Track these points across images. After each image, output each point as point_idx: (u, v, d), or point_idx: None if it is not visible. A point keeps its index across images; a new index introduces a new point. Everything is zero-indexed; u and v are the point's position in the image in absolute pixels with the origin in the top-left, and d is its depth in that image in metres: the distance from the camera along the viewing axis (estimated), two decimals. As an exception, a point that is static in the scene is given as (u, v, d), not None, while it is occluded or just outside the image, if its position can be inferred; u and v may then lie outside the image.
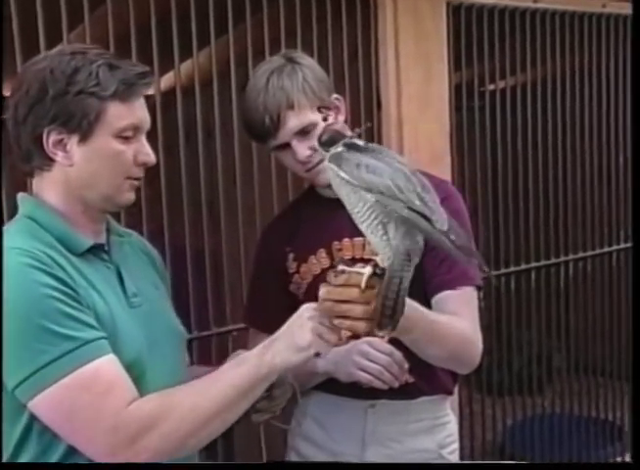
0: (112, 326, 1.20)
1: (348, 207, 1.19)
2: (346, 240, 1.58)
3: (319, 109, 1.41)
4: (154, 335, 1.29)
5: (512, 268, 2.97)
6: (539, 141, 2.99)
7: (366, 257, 1.55)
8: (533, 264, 3.01)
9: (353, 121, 2.43)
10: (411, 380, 1.56)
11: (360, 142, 1.21)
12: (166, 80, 2.80)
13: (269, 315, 1.63)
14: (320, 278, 1.58)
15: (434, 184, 1.54)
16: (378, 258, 1.18)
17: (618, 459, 3.23)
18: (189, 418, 1.15)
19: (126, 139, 1.24)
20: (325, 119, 1.32)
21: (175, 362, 1.35)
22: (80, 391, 1.11)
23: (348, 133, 1.29)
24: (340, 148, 1.19)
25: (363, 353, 1.47)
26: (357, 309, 1.17)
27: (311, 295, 1.58)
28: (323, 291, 1.19)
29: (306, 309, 1.21)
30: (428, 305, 1.46)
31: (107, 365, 1.14)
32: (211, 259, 2.37)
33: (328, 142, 1.22)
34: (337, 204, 1.29)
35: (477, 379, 2.94)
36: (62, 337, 1.10)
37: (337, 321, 1.19)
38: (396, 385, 1.48)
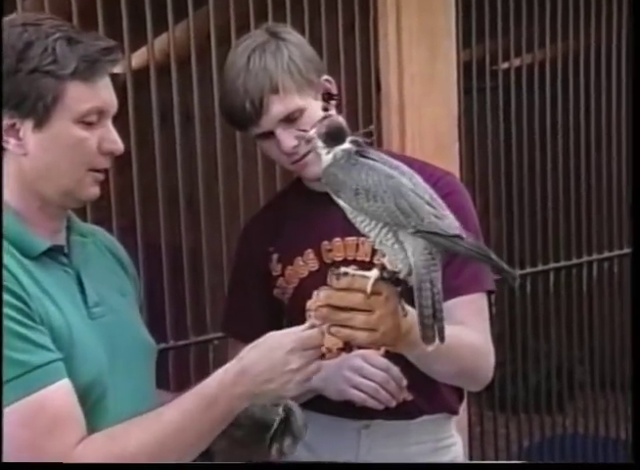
0: (68, 342, 1.18)
1: (348, 215, 1.20)
2: (338, 240, 1.58)
3: (323, 95, 1.41)
4: (117, 350, 1.27)
5: (528, 269, 2.98)
6: (560, 126, 2.99)
7: (359, 259, 1.56)
8: (552, 265, 3.02)
9: (349, 106, 2.46)
10: (410, 398, 1.57)
11: (362, 143, 1.21)
12: (139, 57, 2.79)
13: (250, 324, 1.63)
14: (308, 282, 1.60)
15: (437, 178, 1.56)
16: (385, 260, 1.19)
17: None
18: (136, 461, 1.15)
19: (89, 125, 1.22)
20: (326, 110, 1.32)
21: (141, 381, 1.33)
22: (22, 428, 1.09)
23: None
24: (342, 150, 1.19)
25: (356, 369, 1.47)
26: (359, 318, 1.17)
27: (298, 301, 1.61)
28: (322, 295, 1.19)
29: (292, 346, 1.21)
30: None
31: (55, 395, 1.12)
32: (190, 260, 2.37)
33: (331, 138, 1.21)
34: (327, 198, 1.28)
35: (488, 394, 2.93)
36: (7, 361, 1.09)
37: (334, 329, 1.19)
38: (393, 404, 1.48)
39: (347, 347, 1.55)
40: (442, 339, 1.15)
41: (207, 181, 2.38)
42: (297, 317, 1.63)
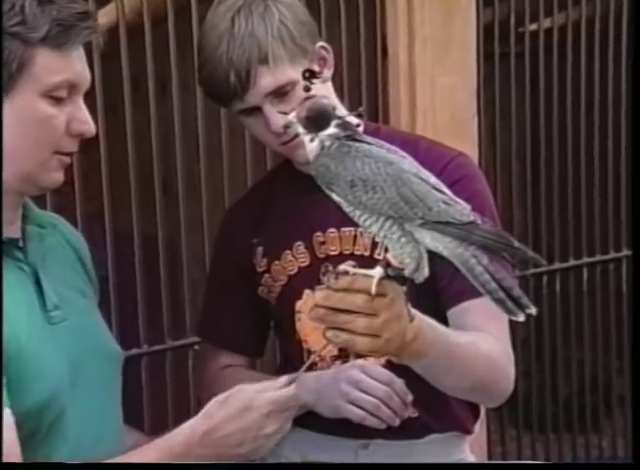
0: (17, 355, 1.16)
1: (345, 209, 1.19)
2: (332, 231, 1.58)
3: (304, 73, 1.40)
4: (79, 360, 1.27)
5: (557, 265, 2.97)
6: (596, 99, 2.98)
7: (358, 252, 1.56)
8: (586, 260, 3.02)
9: (351, 77, 2.46)
10: (415, 414, 1.56)
11: (353, 124, 1.20)
12: (106, 15, 2.77)
13: (231, 327, 1.64)
14: (298, 279, 1.59)
15: (447, 160, 1.56)
16: (389, 256, 1.19)
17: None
18: None
19: (58, 100, 1.21)
20: (307, 90, 1.31)
21: (106, 396, 1.33)
22: None
23: (340, 110, 1.28)
24: (328, 136, 1.18)
25: (354, 382, 1.47)
26: (360, 322, 1.17)
27: (286, 301, 1.61)
28: (319, 295, 1.19)
29: (269, 409, 1.24)
30: (443, 320, 1.46)
31: None
32: (167, 253, 2.37)
33: (313, 123, 1.20)
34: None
35: (510, 410, 2.93)
36: None
37: (330, 333, 1.19)
38: (397, 423, 1.48)
39: (343, 355, 1.55)
40: (527, 305, 1.14)
41: (187, 163, 2.38)
42: (285, 320, 1.64)
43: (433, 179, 1.18)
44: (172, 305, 2.39)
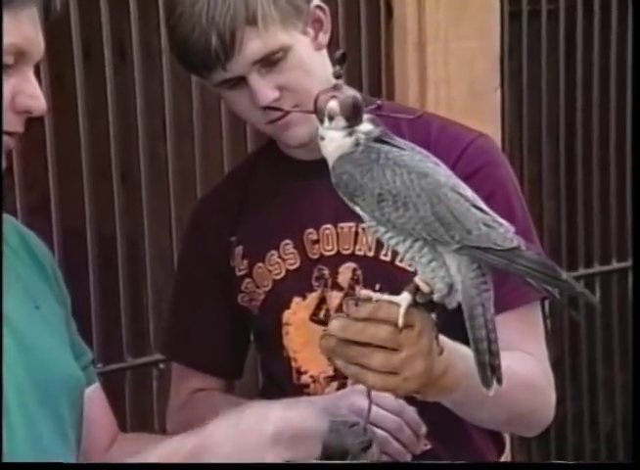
0: None
1: (367, 223, 1.20)
2: (328, 227, 1.59)
3: (340, 57, 1.40)
4: (17, 381, 1.27)
5: (597, 268, 2.98)
6: None
7: (359, 253, 1.57)
8: (631, 263, 3.00)
9: (349, 41, 2.45)
10: (427, 446, 1.58)
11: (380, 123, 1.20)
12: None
13: (203, 343, 1.65)
14: (285, 285, 1.60)
15: (466, 143, 1.55)
16: (418, 279, 1.19)
17: None
18: None
19: (1, 68, 1.22)
20: (339, 76, 1.30)
21: (51, 429, 1.32)
22: None
23: None
24: (364, 133, 1.18)
25: (357, 411, 1.44)
26: (377, 358, 1.18)
27: (271, 310, 1.62)
28: (335, 325, 1.19)
29: (275, 430, 1.24)
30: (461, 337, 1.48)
31: None
32: (126, 254, 2.38)
33: (354, 115, 1.18)
34: (313, 170, 1.29)
35: (541, 443, 2.94)
36: None
37: (340, 363, 1.21)
38: (408, 459, 1.49)
39: (339, 375, 1.54)
40: (500, 379, 1.16)
41: (150, 144, 2.39)
42: (269, 333, 1.64)
43: (469, 193, 1.18)
44: (133, 315, 2.40)
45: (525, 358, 1.49)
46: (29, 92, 1.25)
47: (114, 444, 1.49)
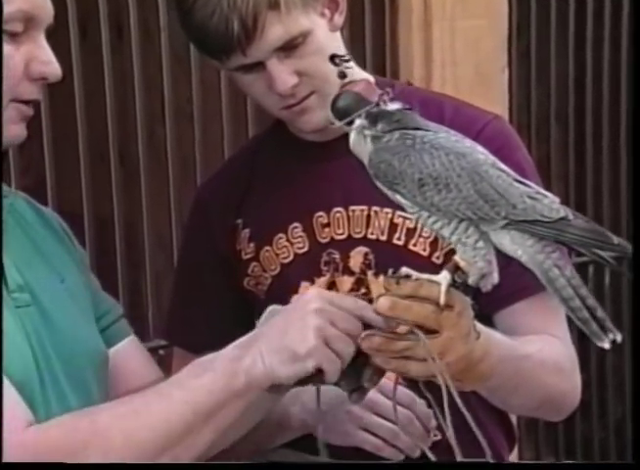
0: None
1: (409, 210, 1.21)
2: (339, 210, 1.57)
3: (331, 58, 1.41)
4: (48, 354, 1.29)
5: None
6: None
7: (371, 237, 1.56)
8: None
9: (352, 22, 2.43)
10: (437, 437, 1.58)
11: (393, 109, 1.22)
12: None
13: (208, 328, 1.64)
14: (293, 269, 1.59)
15: (481, 125, 1.54)
16: (458, 258, 1.20)
17: None
18: (117, 454, 1.20)
19: (12, 36, 1.22)
20: (343, 76, 1.32)
21: (81, 401, 1.33)
22: None
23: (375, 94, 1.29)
24: (366, 129, 1.21)
25: (367, 402, 1.44)
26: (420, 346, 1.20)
27: (278, 295, 1.59)
28: (383, 303, 1.20)
29: (315, 297, 1.25)
30: (489, 325, 1.48)
31: None
32: (125, 238, 2.38)
33: (342, 109, 1.22)
34: (325, 152, 1.29)
35: (549, 435, 2.94)
36: None
37: (380, 360, 1.23)
38: (417, 454, 1.47)
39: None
40: (611, 330, 1.16)
41: (149, 126, 2.38)
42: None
43: (510, 168, 1.20)
44: (131, 301, 2.40)
45: (553, 342, 1.50)
46: (43, 58, 1.26)
47: None
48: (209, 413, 1.24)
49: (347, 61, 1.27)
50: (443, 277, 1.20)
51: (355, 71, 1.45)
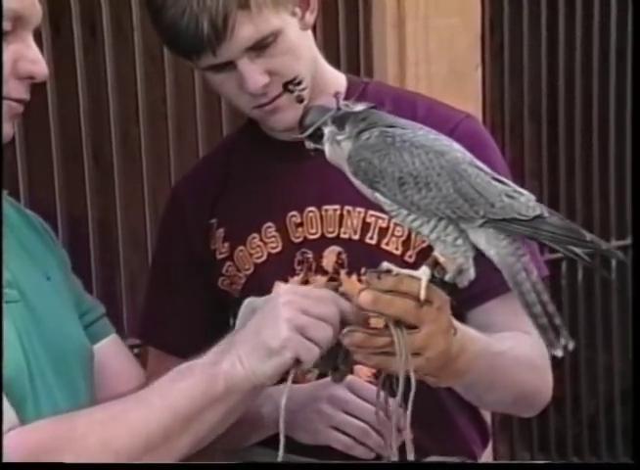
0: None
1: (387, 208, 1.23)
2: (312, 210, 1.59)
3: (284, 85, 1.43)
4: (36, 349, 1.31)
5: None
6: (631, 44, 2.91)
7: (344, 236, 1.57)
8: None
9: (325, 19, 2.44)
10: (411, 436, 1.59)
11: (358, 110, 1.24)
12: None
13: (183, 328, 1.66)
14: (267, 268, 1.61)
15: (454, 123, 1.56)
16: (437, 253, 1.23)
17: None
18: (94, 460, 1.21)
19: (2, 35, 1.23)
20: (301, 100, 1.34)
21: (69, 396, 1.36)
22: None
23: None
24: (337, 132, 1.23)
25: (338, 401, 1.48)
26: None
27: (253, 294, 1.57)
28: (365, 297, 1.23)
29: (284, 291, 1.28)
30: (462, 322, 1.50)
31: None
32: (98, 237, 2.38)
33: (309, 125, 1.25)
34: (297, 151, 1.29)
35: (522, 429, 2.95)
36: None
37: (361, 356, 1.26)
38: (388, 452, 1.49)
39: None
40: (567, 337, 1.21)
41: (122, 124, 2.38)
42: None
43: (485, 166, 1.22)
44: (105, 300, 2.37)
45: (526, 339, 1.50)
46: (31, 57, 1.28)
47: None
48: (189, 418, 1.26)
49: (299, 83, 1.30)
50: (423, 272, 1.22)
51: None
